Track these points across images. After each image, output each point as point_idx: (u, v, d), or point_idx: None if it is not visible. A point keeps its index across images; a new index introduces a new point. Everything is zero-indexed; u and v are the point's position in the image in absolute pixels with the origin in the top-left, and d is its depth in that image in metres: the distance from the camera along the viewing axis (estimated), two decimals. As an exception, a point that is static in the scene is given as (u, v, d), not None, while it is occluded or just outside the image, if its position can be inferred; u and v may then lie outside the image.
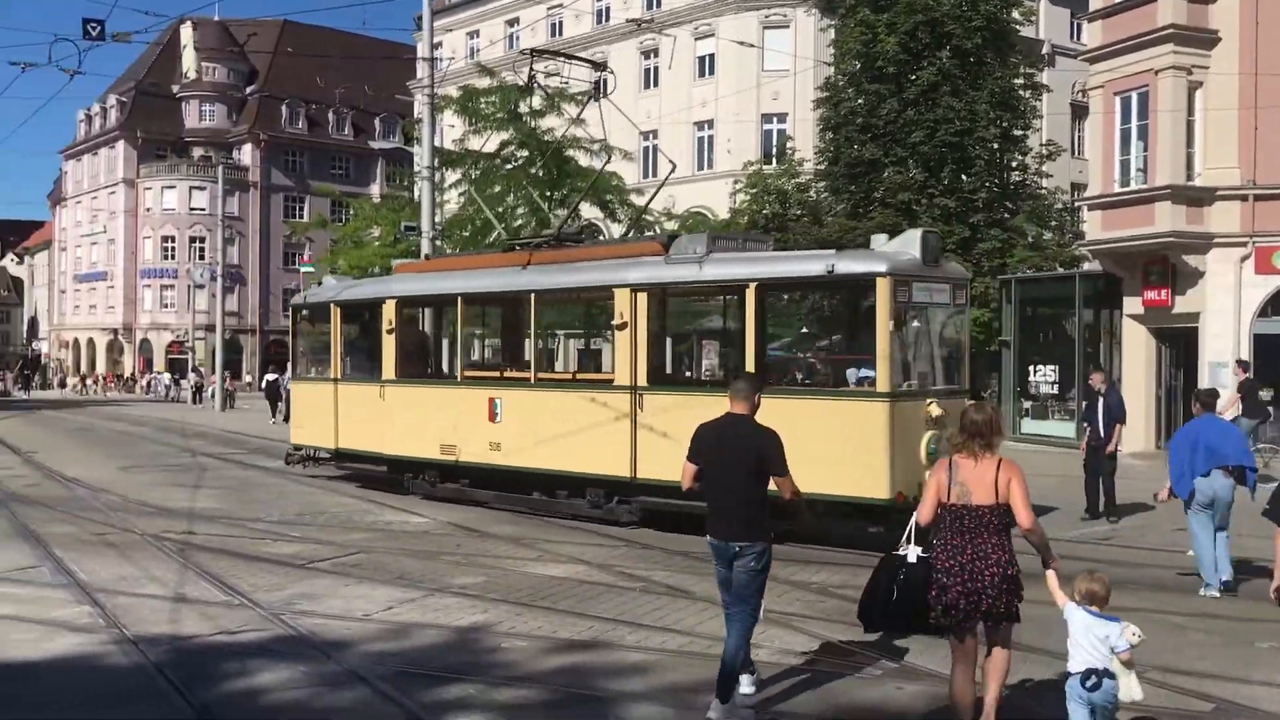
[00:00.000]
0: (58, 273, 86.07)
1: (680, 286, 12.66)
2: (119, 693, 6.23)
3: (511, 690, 6.18)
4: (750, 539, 5.75)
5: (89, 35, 20.03)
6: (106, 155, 75.34)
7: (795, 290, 12.80)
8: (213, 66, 74.09)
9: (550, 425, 12.97)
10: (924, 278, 11.09)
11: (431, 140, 26.18)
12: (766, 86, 42.77)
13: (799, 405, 10.78)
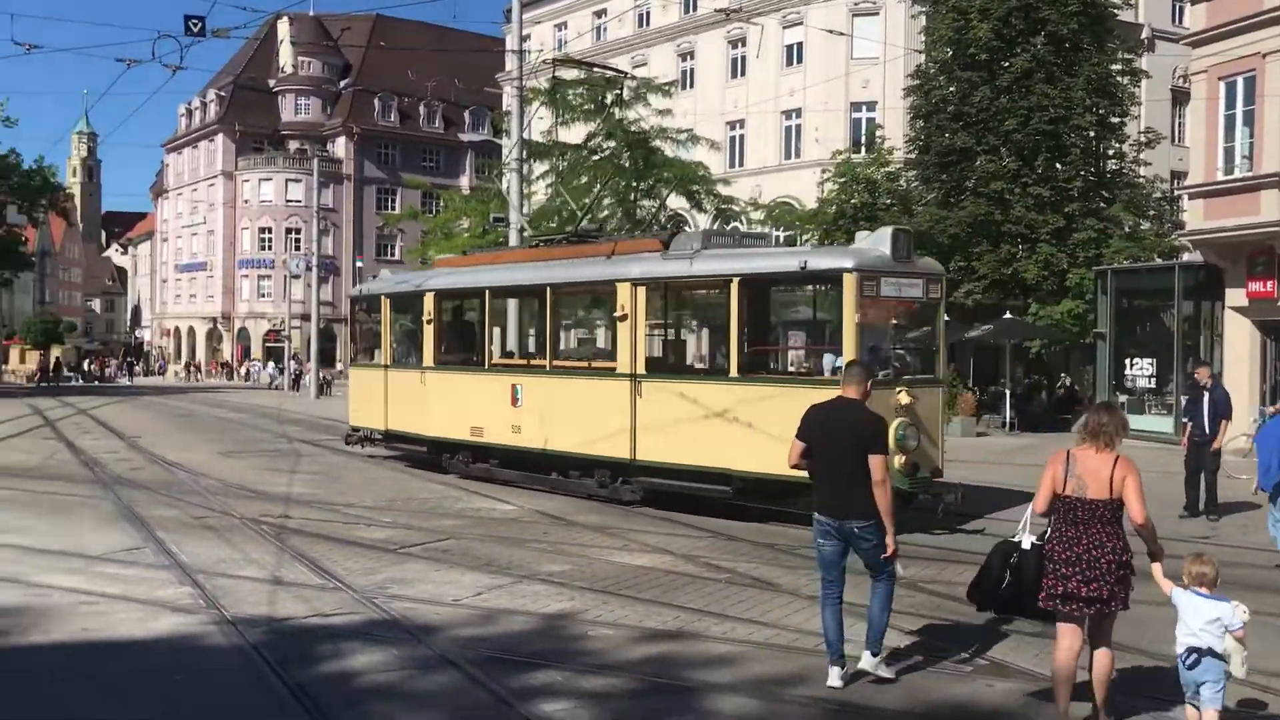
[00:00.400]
0: (160, 263, 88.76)
1: (674, 281, 13.44)
2: (219, 671, 6.42)
3: (598, 678, 6.23)
4: (865, 518, 6.08)
5: (190, 31, 20.59)
6: (206, 148, 77.44)
7: (774, 284, 13.47)
8: (308, 61, 75.64)
9: (563, 410, 14.02)
10: (893, 273, 11.60)
11: (520, 132, 26.42)
12: (856, 75, 42.24)
13: (774, 391, 11.66)
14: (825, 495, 6.23)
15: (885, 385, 11.09)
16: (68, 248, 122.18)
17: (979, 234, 28.41)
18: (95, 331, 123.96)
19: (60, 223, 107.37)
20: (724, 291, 12.48)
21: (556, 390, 14.30)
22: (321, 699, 5.80)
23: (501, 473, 15.18)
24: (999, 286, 28.51)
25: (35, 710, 5.72)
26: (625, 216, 28.70)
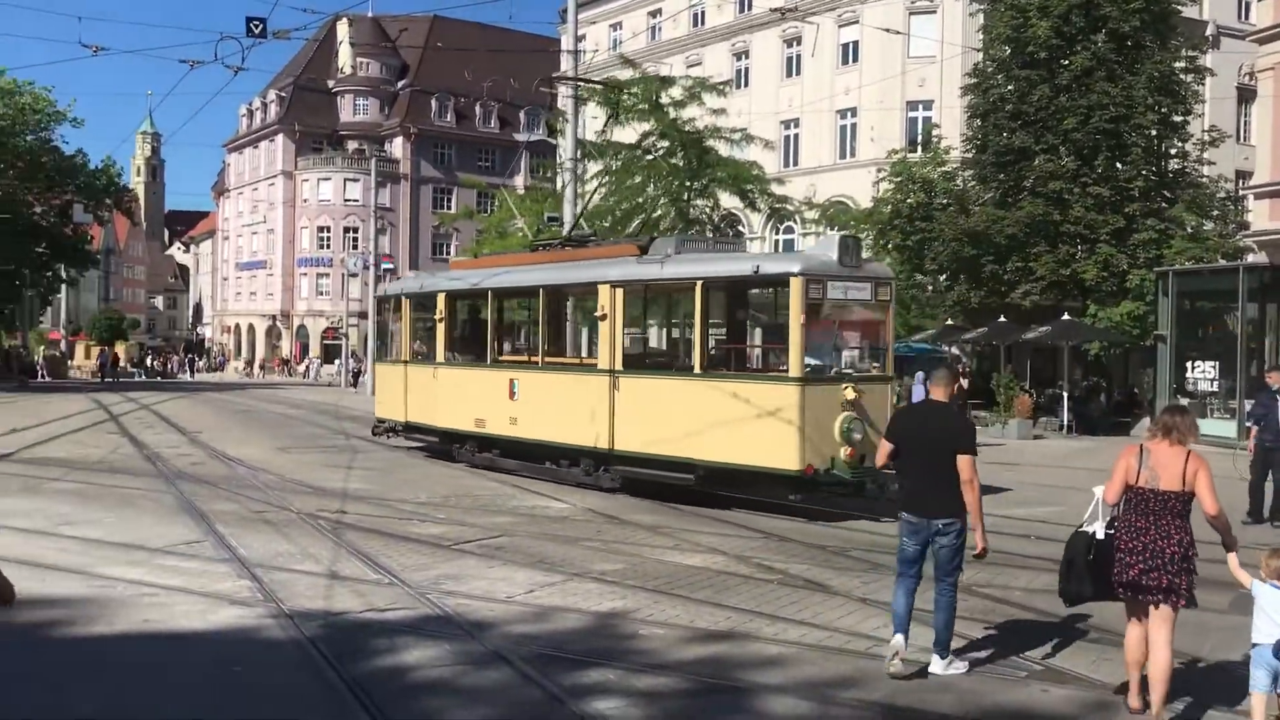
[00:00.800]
0: (221, 261, 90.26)
1: (646, 283, 14.42)
2: (276, 664, 6.52)
3: (650, 677, 6.24)
4: (951, 516, 6.32)
5: (252, 33, 20.91)
6: (266, 148, 78.61)
7: (732, 287, 14.35)
8: (366, 62, 76.52)
9: (553, 403, 15.18)
10: (840, 277, 12.50)
11: (575, 132, 26.52)
12: (912, 73, 41.89)
13: (726, 387, 12.76)
14: (912, 494, 6.52)
15: (831, 381, 12.43)
16: (132, 246, 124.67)
17: (1037, 234, 28.05)
18: (158, 328, 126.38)
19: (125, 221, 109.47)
20: (690, 293, 13.47)
21: (548, 385, 15.51)
22: (376, 693, 5.88)
23: (503, 462, 16.29)
24: (1057, 287, 28.12)
25: (99, 699, 5.85)
26: (679, 216, 28.70)
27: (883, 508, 11.88)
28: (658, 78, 29.61)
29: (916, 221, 32.05)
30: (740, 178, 28.92)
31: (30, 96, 44.78)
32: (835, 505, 12.72)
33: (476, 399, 16.73)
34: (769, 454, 12.20)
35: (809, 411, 12.01)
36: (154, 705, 5.81)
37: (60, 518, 11.37)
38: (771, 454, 12.17)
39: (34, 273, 48.09)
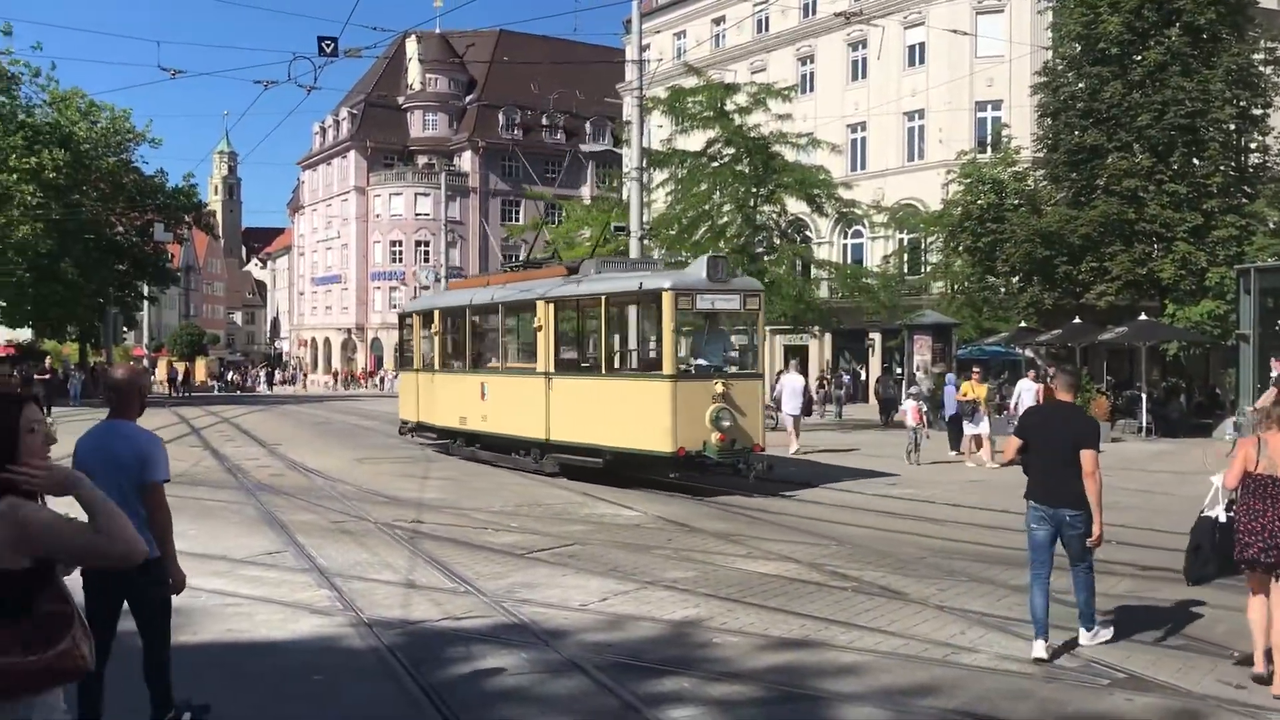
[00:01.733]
0: (297, 276, 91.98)
1: (568, 299, 16.87)
2: (356, 672, 6.63)
3: (725, 685, 6.24)
4: (1075, 506, 6.81)
5: (323, 52, 21.36)
6: (339, 165, 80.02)
7: (625, 301, 16.56)
8: (434, 78, 77.54)
9: (510, 402, 17.90)
10: (708, 290, 14.90)
11: (640, 141, 26.60)
12: (980, 74, 41.38)
13: (621, 384, 15.60)
14: (1040, 485, 6.96)
15: (703, 378, 14.81)
16: (211, 263, 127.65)
17: (1111, 234, 27.56)
18: (237, 343, 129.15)
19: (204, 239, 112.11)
20: (598, 306, 16.10)
21: (506, 387, 18.27)
22: (454, 701, 5.95)
23: (481, 454, 19.00)
24: (1133, 287, 27.59)
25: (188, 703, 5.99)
26: (745, 222, 28.65)
27: (754, 485, 14.67)
28: (722, 85, 29.57)
29: (987, 223, 31.65)
30: (807, 182, 28.78)
31: (110, 118, 46.15)
32: (712, 482, 15.25)
33: (459, 400, 19.64)
34: (650, 439, 14.68)
35: (680, 403, 14.39)
36: (238, 714, 5.94)
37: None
38: (651, 439, 14.65)
39: (117, 291, 49.44)
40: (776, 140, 28.57)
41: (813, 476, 17.00)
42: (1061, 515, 6.83)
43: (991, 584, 8.97)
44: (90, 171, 45.17)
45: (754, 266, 28.11)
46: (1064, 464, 6.83)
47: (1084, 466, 6.77)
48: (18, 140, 39.78)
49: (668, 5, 55.61)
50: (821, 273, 32.20)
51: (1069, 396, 7.27)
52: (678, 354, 14.97)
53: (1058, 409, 7.28)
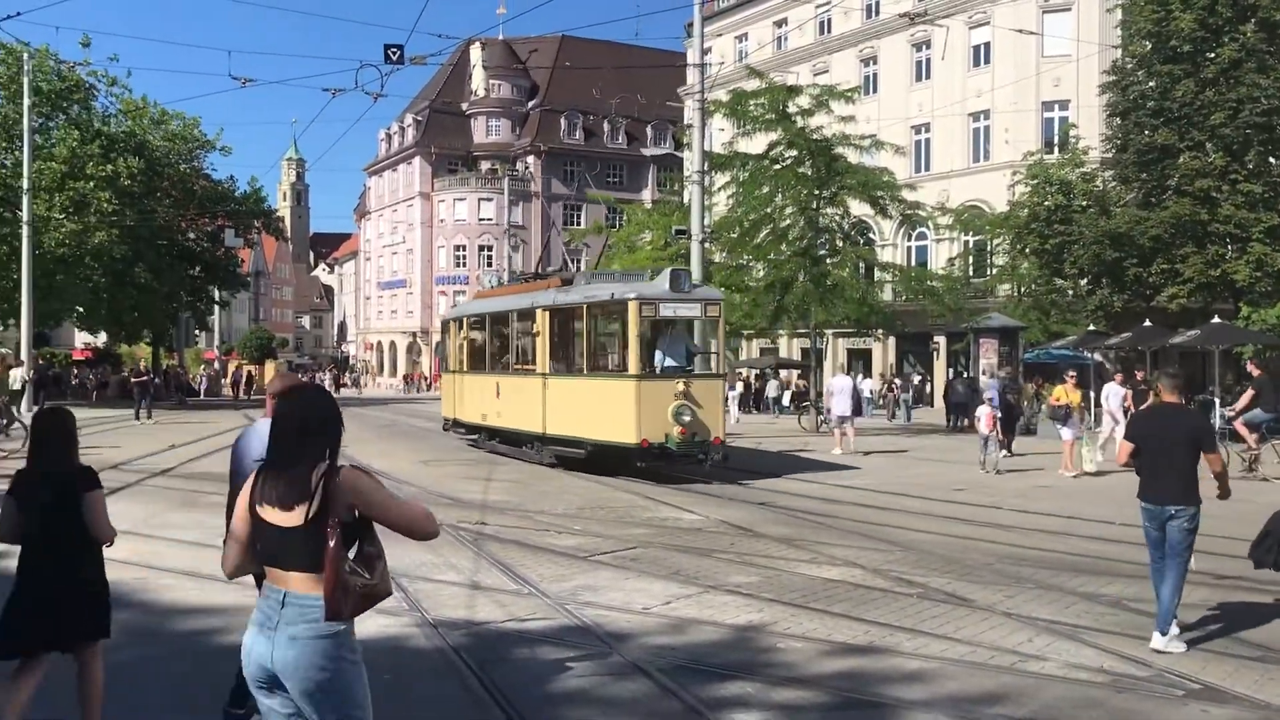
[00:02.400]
0: (363, 280, 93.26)
1: (559, 307, 18.66)
2: (423, 672, 6.69)
3: (789, 691, 6.21)
4: (1184, 503, 7.07)
5: (390, 60, 21.64)
6: (404, 171, 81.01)
7: (602, 309, 18.13)
8: (498, 84, 78.21)
9: (517, 400, 19.95)
10: (670, 300, 16.88)
11: (701, 144, 26.56)
12: (1047, 73, 40.82)
13: (595, 383, 17.68)
14: (1150, 485, 7.24)
15: (667, 377, 16.61)
16: (279, 268, 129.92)
17: (1183, 235, 27.02)
18: (305, 346, 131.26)
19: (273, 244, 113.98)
20: (581, 313, 18.26)
21: (514, 386, 20.38)
22: (518, 701, 5.99)
23: (498, 446, 21.24)
24: (1206, 289, 27.02)
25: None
26: (808, 225, 28.49)
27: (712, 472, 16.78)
28: (784, 87, 29.44)
29: (1055, 224, 31.20)
30: (870, 184, 28.55)
31: (181, 124, 47.16)
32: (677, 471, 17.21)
33: (481, 398, 21.96)
34: (619, 432, 16.62)
35: (644, 400, 16.23)
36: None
37: (217, 530, 11.77)
38: (620, 432, 16.57)
39: (189, 295, 50.47)
40: (839, 142, 28.38)
41: (778, 467, 19.15)
42: (1167, 511, 7.11)
43: (1060, 591, 8.83)
44: (163, 178, 46.18)
45: (817, 269, 27.96)
46: (1171, 464, 7.09)
47: (1212, 467, 7.14)
48: (95, 148, 40.78)
49: (729, 9, 55.56)
50: (885, 275, 31.92)
51: (1175, 398, 7.55)
52: (643, 356, 16.75)
53: (1168, 411, 7.50)
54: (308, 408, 3.83)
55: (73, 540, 4.89)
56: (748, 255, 30.48)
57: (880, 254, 36.27)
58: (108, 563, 4.98)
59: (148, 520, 12.46)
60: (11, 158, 39.90)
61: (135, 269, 42.04)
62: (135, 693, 6.21)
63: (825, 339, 41.64)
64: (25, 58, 37.29)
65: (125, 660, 6.87)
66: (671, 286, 16.96)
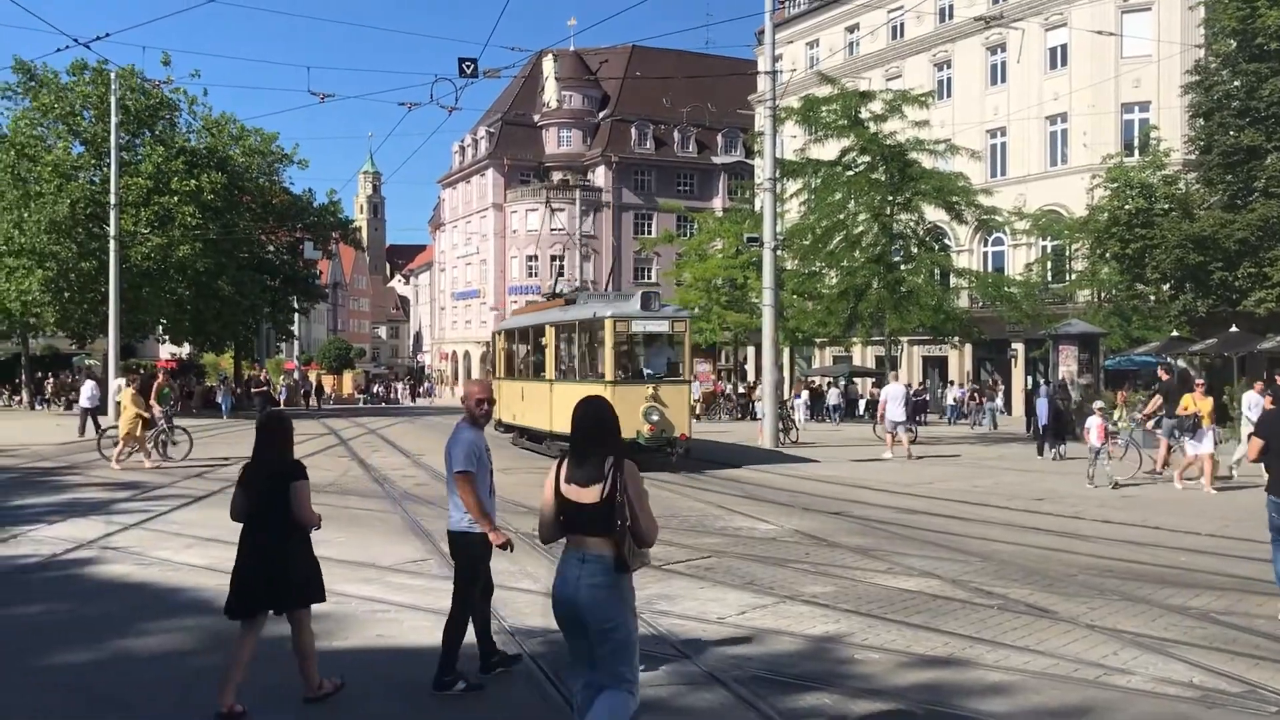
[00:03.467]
0: (438, 291, 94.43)
1: (560, 324, 22.43)
2: (500, 678, 6.74)
3: (867, 702, 6.15)
4: None
5: (464, 73, 21.90)
6: (478, 182, 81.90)
7: (588, 326, 21.08)
8: (569, 94, 78.72)
9: (534, 402, 23.65)
10: (642, 317, 20.14)
11: (773, 151, 26.49)
12: (1126, 75, 39.99)
13: (584, 388, 19.15)
14: (1278, 480, 8.01)
15: (638, 382, 19.89)
16: (356, 279, 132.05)
17: (1271, 237, 26.28)
18: (382, 356, 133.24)
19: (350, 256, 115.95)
20: (573, 329, 21.90)
21: (532, 390, 24.05)
22: (596, 710, 5.99)
23: (524, 442, 24.87)
24: (1297, 293, 26.22)
25: (338, 706, 6.21)
26: (881, 231, 28.22)
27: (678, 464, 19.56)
28: (857, 92, 29.23)
29: (1136, 228, 30.57)
30: (945, 189, 28.20)
31: (260, 139, 48.26)
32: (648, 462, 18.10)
33: (513, 401, 25.39)
34: None
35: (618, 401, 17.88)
36: (385, 718, 6.11)
37: (299, 537, 12.12)
38: None
39: (269, 306, 51.52)
40: (913, 147, 28.10)
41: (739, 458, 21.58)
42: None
43: (1146, 604, 8.63)
44: (243, 192, 47.27)
45: (891, 276, 27.69)
46: None
47: None
48: (179, 164, 41.88)
49: (801, 15, 55.31)
50: (961, 281, 31.47)
51: None
52: (618, 364, 20.00)
53: None
54: (600, 411, 4.92)
55: (284, 520, 5.95)
56: (820, 262, 30.28)
57: (956, 260, 35.76)
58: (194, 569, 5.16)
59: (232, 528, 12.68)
60: (100, 174, 41.14)
61: (218, 281, 43.05)
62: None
63: (900, 346, 41.20)
64: (113, 77, 38.44)
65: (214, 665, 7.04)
66: (642, 306, 20.24)
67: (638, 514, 4.68)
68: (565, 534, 4.84)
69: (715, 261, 49.80)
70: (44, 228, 38.66)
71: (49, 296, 39.94)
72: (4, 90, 42.96)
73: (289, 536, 5.98)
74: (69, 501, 15.34)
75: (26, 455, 23.57)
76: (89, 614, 8.40)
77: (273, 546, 5.94)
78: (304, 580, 6.06)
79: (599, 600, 4.62)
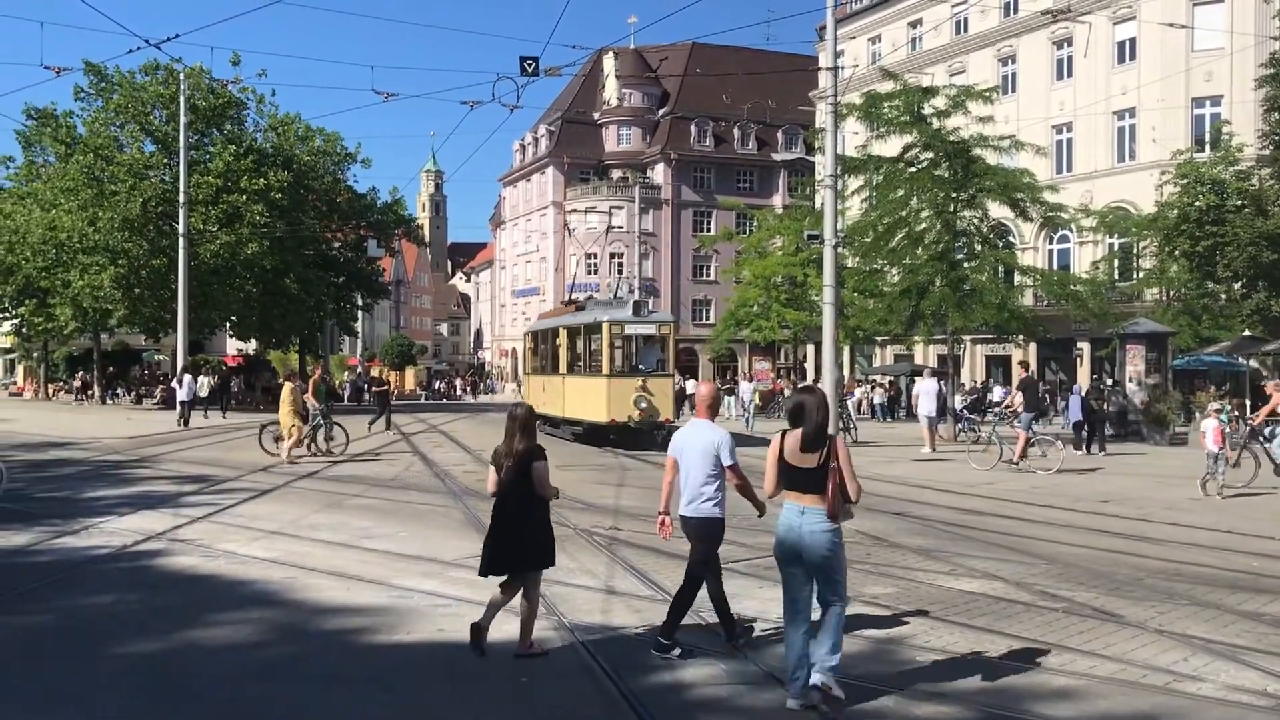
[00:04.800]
0: (498, 288, 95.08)
1: (570, 326, 26.74)
2: (559, 675, 6.76)
3: (930, 705, 6.08)
4: None
5: (525, 71, 22.00)
6: (538, 180, 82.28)
7: (590, 329, 25.54)
8: (629, 92, 78.77)
9: (552, 393, 27.84)
10: (633, 321, 24.46)
11: (834, 148, 26.27)
12: (1197, 68, 39.15)
13: (587, 380, 24.70)
14: None
15: (630, 375, 23.98)
16: (418, 277, 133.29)
17: (1352, 234, 25.54)
18: (443, 353, 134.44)
19: (412, 254, 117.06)
20: (579, 331, 26.13)
21: (551, 384, 28.25)
22: (655, 709, 6.00)
23: (545, 428, 26.32)
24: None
25: (397, 706, 6.27)
26: (944, 228, 27.90)
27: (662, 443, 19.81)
28: (919, 89, 28.91)
29: (1207, 225, 29.93)
30: (1010, 186, 27.81)
31: (324, 139, 48.93)
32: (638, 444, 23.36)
33: (536, 393, 29.94)
34: (596, 413, 24.20)
35: (612, 391, 23.52)
36: (445, 713, 6.15)
37: (361, 531, 12.29)
38: (596, 413, 24.12)
39: (333, 303, 52.23)
40: (977, 143, 27.74)
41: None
42: None
43: (1217, 609, 8.44)
44: (309, 191, 47.95)
45: (954, 274, 27.36)
46: None
47: None
48: (248, 163, 42.59)
49: (863, 10, 54.85)
50: (1026, 279, 31.01)
51: None
52: (613, 361, 24.45)
53: None
54: (821, 400, 6.28)
55: (529, 495, 7.01)
56: (882, 260, 30.01)
57: (1020, 258, 35.25)
58: (260, 562, 5.22)
59: (296, 522, 12.94)
60: (171, 173, 41.98)
61: (284, 279, 43.73)
62: (284, 689, 6.45)
63: (963, 345, 40.68)
64: (182, 77, 39.18)
65: (280, 656, 7.15)
66: (634, 312, 24.91)
67: (846, 478, 6.08)
68: (786, 490, 6.27)
69: (775, 259, 49.55)
70: (117, 225, 39.54)
71: (120, 293, 40.82)
72: (78, 93, 44.01)
73: (532, 509, 7.01)
74: (139, 494, 15.68)
75: (98, 449, 24.13)
76: (159, 604, 8.58)
77: (518, 517, 7.00)
78: (542, 547, 7.03)
79: (819, 542, 6.10)
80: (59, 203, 41.53)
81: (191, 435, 29.05)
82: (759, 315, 50.44)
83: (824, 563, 6.09)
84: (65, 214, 40.71)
